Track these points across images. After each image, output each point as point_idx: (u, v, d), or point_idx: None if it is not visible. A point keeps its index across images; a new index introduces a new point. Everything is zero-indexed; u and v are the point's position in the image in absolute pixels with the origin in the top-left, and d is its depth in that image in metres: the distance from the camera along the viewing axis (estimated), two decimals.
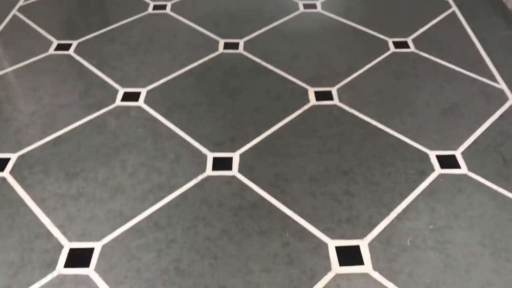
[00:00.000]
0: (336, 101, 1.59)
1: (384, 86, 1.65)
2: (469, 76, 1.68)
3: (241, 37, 1.90)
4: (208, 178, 1.32)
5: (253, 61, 1.77)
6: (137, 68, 1.74)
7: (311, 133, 1.46)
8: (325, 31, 1.93)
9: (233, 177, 1.32)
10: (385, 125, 1.48)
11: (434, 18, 1.99)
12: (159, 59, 1.78)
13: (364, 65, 1.74)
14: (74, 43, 1.87)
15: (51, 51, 1.84)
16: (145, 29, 1.93)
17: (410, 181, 1.30)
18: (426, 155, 1.38)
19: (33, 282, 1.07)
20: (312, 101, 1.59)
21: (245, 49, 1.83)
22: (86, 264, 1.10)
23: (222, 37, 1.90)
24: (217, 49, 1.83)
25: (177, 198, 1.26)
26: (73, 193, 1.27)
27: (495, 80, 1.66)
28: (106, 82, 1.67)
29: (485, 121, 1.49)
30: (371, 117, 1.52)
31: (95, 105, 1.57)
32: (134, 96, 1.61)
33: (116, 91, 1.63)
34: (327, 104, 1.58)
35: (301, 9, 2.06)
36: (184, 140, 1.44)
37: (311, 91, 1.63)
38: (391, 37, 1.89)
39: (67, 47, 1.86)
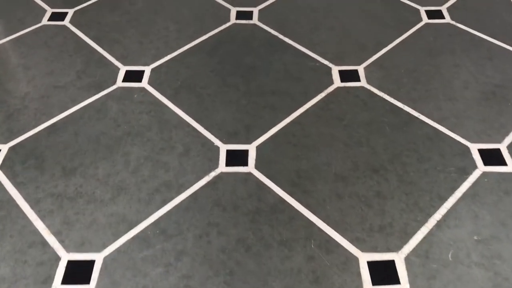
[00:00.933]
0: (363, 82, 1.41)
1: (416, 64, 1.46)
2: None
3: (255, 5, 1.70)
4: (221, 175, 1.17)
5: (269, 34, 1.58)
6: (140, 41, 1.56)
7: (336, 121, 1.30)
8: None
9: (249, 174, 1.17)
10: (419, 111, 1.32)
11: None
12: (164, 31, 1.60)
13: (393, 39, 1.55)
14: (70, 12, 1.69)
15: (44, 21, 1.65)
16: None
17: (449, 181, 1.15)
18: (467, 149, 1.22)
19: None
20: (337, 82, 1.41)
21: (260, 19, 1.64)
22: (86, 280, 0.98)
23: (234, 5, 1.70)
24: (228, 19, 1.64)
25: (186, 200, 1.12)
26: (71, 192, 1.14)
27: None
28: (106, 58, 1.50)
29: None
30: (403, 101, 1.35)
31: (94, 86, 1.41)
32: (137, 76, 1.44)
33: (117, 69, 1.46)
34: (354, 86, 1.40)
35: None
36: (193, 129, 1.28)
37: (335, 70, 1.45)
38: (423, 5, 1.68)
39: (62, 16, 1.67)
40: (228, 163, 1.20)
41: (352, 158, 1.21)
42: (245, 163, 1.20)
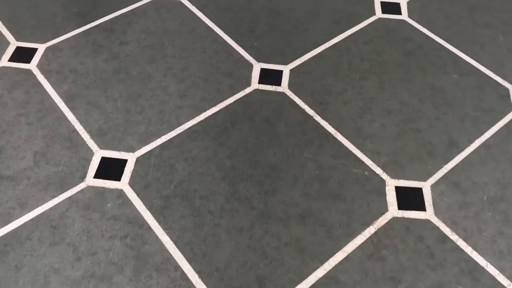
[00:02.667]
0: (429, 212, 1.00)
1: None
2: None
3: (285, 62, 1.27)
4: None
5: (301, 111, 1.16)
6: (127, 108, 1.15)
7: (391, 283, 0.90)
8: None
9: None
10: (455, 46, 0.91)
11: None
12: (161, 93, 1.18)
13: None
14: (41, 48, 1.27)
15: (4, 61, 1.24)
16: None
17: None
18: None
19: None
20: (393, 207, 1.00)
21: (290, 85, 1.22)
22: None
23: (259, 58, 1.28)
24: (249, 82, 1.22)
25: None
26: None
27: None
28: (77, 134, 1.10)
29: None
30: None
31: (55, 181, 1.02)
32: (117, 168, 1.05)
33: (91, 154, 1.07)
34: (417, 218, 0.99)
35: None
36: (182, 275, 0.89)
37: (391, 186, 1.03)
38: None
39: (28, 55, 1.25)
40: None
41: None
42: None
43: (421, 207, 1.00)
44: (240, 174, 1.04)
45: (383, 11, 1.40)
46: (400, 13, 1.39)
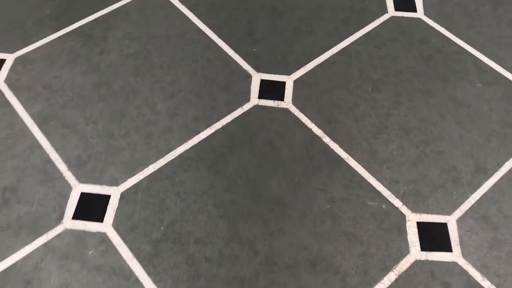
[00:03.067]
0: (456, 253, 0.88)
1: None
2: None
3: (288, 72, 1.13)
4: None
5: (308, 131, 1.02)
6: (109, 132, 1.01)
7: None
8: None
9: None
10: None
11: None
12: (148, 112, 1.04)
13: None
14: (9, 60, 1.11)
15: None
16: None
17: None
18: None
19: None
20: (415, 249, 0.88)
21: (295, 99, 1.08)
22: None
23: (259, 68, 1.13)
24: (248, 97, 1.08)
25: None
26: None
27: None
28: (52, 165, 0.96)
29: None
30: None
31: (28, 224, 0.88)
32: (97, 206, 0.91)
33: (68, 189, 0.93)
34: (444, 260, 0.87)
35: None
36: None
37: (412, 222, 0.91)
38: None
39: None
40: None
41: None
42: None
43: (447, 247, 0.88)
44: (241, 211, 0.91)
45: (396, 8, 1.25)
46: (415, 10, 1.24)
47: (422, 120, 1.04)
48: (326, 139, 1.00)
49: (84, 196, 0.92)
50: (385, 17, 1.23)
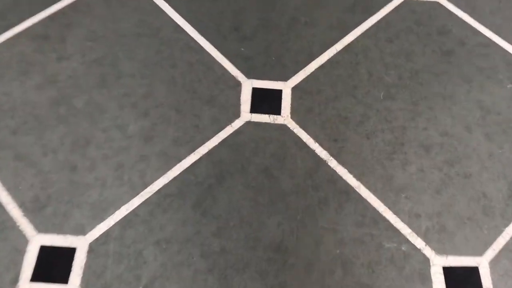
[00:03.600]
0: None
1: None
2: None
3: (285, 78, 0.95)
4: None
5: (314, 154, 0.86)
6: (71, 164, 0.84)
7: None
8: None
9: None
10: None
11: None
12: (117, 138, 0.87)
13: None
14: None
15: None
16: None
17: None
18: None
19: None
20: None
21: (293, 113, 0.91)
22: None
23: (250, 74, 0.95)
24: (237, 111, 0.91)
25: None
26: None
27: None
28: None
29: None
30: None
31: None
32: (61, 264, 0.75)
33: (24, 242, 0.77)
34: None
35: None
36: None
37: (438, 267, 0.77)
38: None
39: None
40: None
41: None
42: None
43: None
44: (234, 262, 0.76)
45: None
46: None
47: (444, 134, 0.88)
48: (333, 163, 0.84)
49: (44, 250, 0.76)
50: (396, 1, 1.04)
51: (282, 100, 0.90)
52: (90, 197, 0.80)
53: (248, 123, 0.88)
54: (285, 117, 0.89)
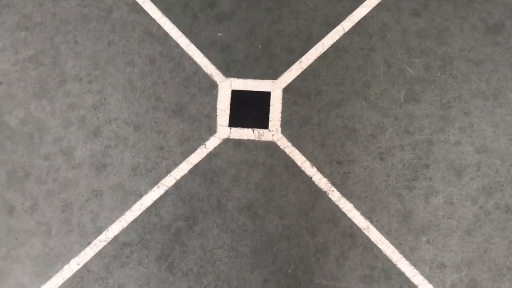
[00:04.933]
0: None
1: None
2: None
3: (274, 77, 0.73)
4: None
5: (304, 176, 0.68)
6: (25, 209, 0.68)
7: None
8: None
9: None
10: None
11: None
12: (69, 171, 0.69)
13: None
14: None
15: None
16: None
17: None
18: None
19: None
20: None
21: (284, 126, 0.70)
22: None
23: (228, 73, 0.73)
24: (214, 124, 0.71)
25: None
26: None
27: None
28: None
29: None
30: None
31: None
32: None
33: None
34: None
35: None
36: None
37: None
38: None
39: None
40: None
41: None
42: None
43: None
44: None
45: None
46: None
47: (483, 150, 0.67)
48: (335, 195, 0.66)
49: None
50: None
51: (271, 107, 0.70)
52: (33, 249, 0.65)
53: (227, 141, 0.69)
54: (274, 132, 0.69)
